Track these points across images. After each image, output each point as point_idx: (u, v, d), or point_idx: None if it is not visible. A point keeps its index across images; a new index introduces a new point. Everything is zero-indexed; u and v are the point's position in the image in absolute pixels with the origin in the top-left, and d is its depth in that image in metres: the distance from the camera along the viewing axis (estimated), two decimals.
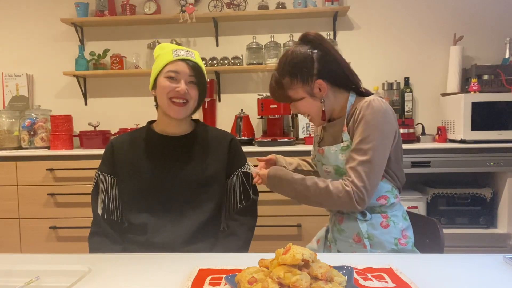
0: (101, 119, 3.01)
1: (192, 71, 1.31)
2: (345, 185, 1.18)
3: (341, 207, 1.25)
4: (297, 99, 1.28)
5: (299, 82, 1.25)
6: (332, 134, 1.33)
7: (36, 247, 2.55)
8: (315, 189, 1.21)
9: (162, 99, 1.31)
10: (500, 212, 2.49)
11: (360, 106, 1.21)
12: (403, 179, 1.31)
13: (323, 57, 1.25)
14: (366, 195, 1.16)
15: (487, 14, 2.87)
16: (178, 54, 1.31)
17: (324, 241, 1.41)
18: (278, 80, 1.28)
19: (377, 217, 1.26)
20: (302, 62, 1.24)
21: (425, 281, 0.84)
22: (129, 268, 0.97)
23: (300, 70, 1.24)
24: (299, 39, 1.30)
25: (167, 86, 1.29)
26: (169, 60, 1.30)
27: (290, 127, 2.94)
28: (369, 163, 1.16)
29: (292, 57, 1.26)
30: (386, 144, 1.20)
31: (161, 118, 1.38)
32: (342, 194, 1.17)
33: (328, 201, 1.21)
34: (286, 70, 1.26)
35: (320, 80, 1.25)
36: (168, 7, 3.03)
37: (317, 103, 1.28)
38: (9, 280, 0.94)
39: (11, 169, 2.56)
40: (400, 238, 1.25)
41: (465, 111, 2.42)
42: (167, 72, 1.30)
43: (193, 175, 1.34)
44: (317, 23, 2.97)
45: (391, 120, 1.21)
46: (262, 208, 1.40)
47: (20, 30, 3.13)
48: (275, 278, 0.75)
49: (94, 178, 1.39)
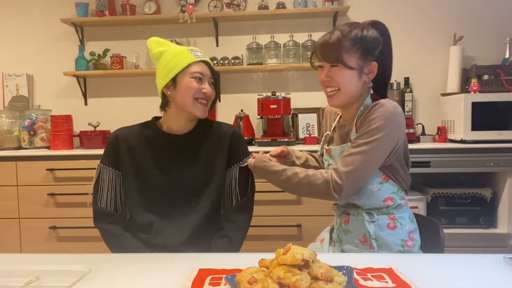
0: (101, 119, 3.00)
1: (211, 73, 1.35)
2: (324, 173, 1.18)
3: (319, 196, 1.21)
4: (347, 65, 1.22)
5: (359, 52, 1.22)
6: (341, 135, 1.33)
7: (36, 247, 2.55)
8: (294, 179, 1.21)
9: (187, 98, 1.31)
10: (500, 212, 2.49)
11: (372, 105, 1.21)
12: (409, 181, 1.30)
13: (386, 47, 1.27)
14: (345, 183, 1.14)
15: (487, 14, 2.87)
16: (197, 56, 1.33)
17: (328, 241, 1.40)
18: (340, 38, 1.22)
19: (384, 218, 1.25)
20: (371, 38, 1.24)
21: (425, 281, 0.84)
22: (129, 268, 0.97)
23: (366, 43, 1.23)
24: (369, 22, 1.28)
25: (195, 87, 1.30)
26: (191, 60, 1.31)
27: (290, 127, 2.94)
28: (360, 155, 1.15)
29: (362, 29, 1.24)
30: (385, 144, 1.17)
31: (172, 116, 1.38)
32: (320, 181, 1.17)
33: (308, 189, 1.21)
34: (354, 34, 1.23)
35: (376, 63, 1.25)
36: (168, 7, 3.03)
37: (358, 83, 1.24)
38: (9, 280, 0.94)
39: (11, 169, 2.56)
40: (407, 240, 1.24)
41: (465, 111, 2.42)
42: (193, 73, 1.31)
43: (196, 174, 1.34)
44: (317, 23, 2.97)
45: (397, 122, 1.19)
46: (262, 208, 1.40)
47: (20, 30, 3.13)
48: (275, 278, 0.75)
49: (96, 171, 1.36)
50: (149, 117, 1.51)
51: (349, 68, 1.22)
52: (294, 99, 2.85)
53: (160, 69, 1.35)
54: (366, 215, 1.25)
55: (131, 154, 1.35)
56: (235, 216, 1.36)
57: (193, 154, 1.36)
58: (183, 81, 1.31)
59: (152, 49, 1.38)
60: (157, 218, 1.31)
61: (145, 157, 1.35)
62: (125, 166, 1.35)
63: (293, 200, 2.39)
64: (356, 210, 1.28)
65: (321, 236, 1.45)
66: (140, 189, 1.34)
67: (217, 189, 1.36)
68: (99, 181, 1.35)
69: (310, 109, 2.93)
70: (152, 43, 1.39)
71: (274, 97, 2.68)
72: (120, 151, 1.36)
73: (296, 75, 3.01)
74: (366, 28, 1.25)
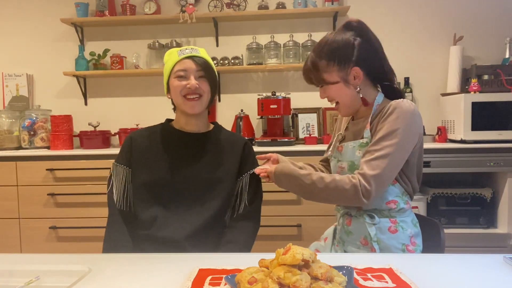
0: (101, 119, 3.01)
1: (199, 66, 1.35)
2: (352, 178, 1.16)
3: (347, 201, 1.20)
4: (330, 82, 1.25)
5: (335, 65, 1.23)
6: (354, 132, 1.33)
7: (36, 247, 2.55)
8: (320, 183, 1.18)
9: (177, 98, 1.36)
10: (500, 212, 2.49)
11: (389, 104, 1.20)
12: (417, 187, 1.29)
13: (364, 46, 1.24)
14: (374, 188, 1.13)
15: (487, 14, 2.87)
16: (183, 53, 1.36)
17: (331, 240, 1.40)
18: (315, 61, 1.26)
19: (385, 222, 1.24)
20: (342, 46, 1.23)
21: (425, 281, 0.84)
22: (129, 268, 0.97)
23: (338, 54, 1.22)
24: (342, 25, 1.28)
25: (178, 85, 1.34)
26: (175, 60, 1.35)
27: (290, 127, 2.93)
28: (385, 159, 1.14)
29: (333, 40, 1.24)
30: (407, 145, 1.18)
31: (179, 117, 1.43)
32: (348, 186, 1.14)
33: (334, 195, 1.18)
34: (324, 52, 1.24)
35: (357, 68, 1.23)
36: (168, 7, 3.03)
37: (350, 91, 1.26)
38: (9, 280, 0.94)
39: (11, 169, 2.56)
40: (408, 245, 1.23)
41: (465, 111, 2.42)
42: (176, 72, 1.35)
43: (204, 173, 1.36)
44: (317, 23, 2.97)
45: (417, 123, 1.20)
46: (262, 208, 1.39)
47: (20, 30, 3.13)
48: (275, 278, 0.75)
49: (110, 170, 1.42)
50: (149, 117, 1.53)
51: (333, 83, 1.25)
52: (294, 99, 2.85)
53: None
54: (368, 217, 1.24)
55: (142, 150, 1.39)
56: (241, 223, 1.37)
57: (204, 155, 1.38)
58: (171, 83, 1.36)
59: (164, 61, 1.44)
60: (162, 213, 1.32)
61: (155, 151, 1.39)
62: (135, 162, 1.39)
63: (293, 200, 2.39)
64: (358, 212, 1.27)
65: (325, 235, 1.45)
66: (146, 182, 1.35)
67: (226, 193, 1.37)
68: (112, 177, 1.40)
69: (310, 109, 2.93)
70: (165, 56, 1.43)
71: (274, 97, 2.68)
72: (133, 149, 1.40)
73: (296, 75, 3.01)
74: (338, 36, 1.24)
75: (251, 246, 1.37)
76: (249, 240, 1.36)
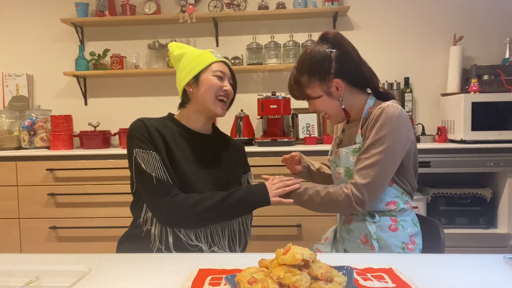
0: (101, 119, 3.01)
1: (231, 74, 1.38)
2: (345, 188, 1.19)
3: (344, 211, 1.26)
4: (314, 97, 1.29)
5: (316, 81, 1.26)
6: (349, 136, 1.34)
7: (36, 247, 2.55)
8: (317, 197, 1.24)
9: (208, 96, 1.32)
10: (500, 212, 2.49)
11: (375, 111, 1.21)
12: (415, 185, 1.30)
13: (342, 57, 1.25)
14: (366, 196, 1.16)
15: (487, 14, 2.87)
16: (218, 56, 1.37)
17: (332, 240, 1.42)
18: (297, 78, 1.30)
19: (385, 220, 1.25)
20: (320, 61, 1.25)
21: (425, 281, 0.84)
22: (129, 268, 0.97)
23: (318, 69, 1.25)
24: (319, 37, 1.30)
25: (217, 84, 1.33)
26: (213, 59, 1.35)
27: (290, 127, 2.93)
28: (375, 167, 1.16)
29: (311, 56, 1.26)
30: (397, 149, 1.19)
31: (192, 114, 1.36)
32: (341, 197, 1.19)
33: (331, 207, 1.24)
34: (304, 68, 1.27)
35: (338, 79, 1.25)
36: (168, 7, 3.03)
37: (334, 102, 1.29)
38: (9, 280, 0.94)
39: (11, 169, 2.56)
40: (408, 243, 1.24)
41: (465, 111, 2.42)
42: (215, 71, 1.34)
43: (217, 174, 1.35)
44: (317, 23, 2.97)
45: (404, 126, 1.20)
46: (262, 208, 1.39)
47: (20, 30, 3.13)
48: (275, 278, 0.75)
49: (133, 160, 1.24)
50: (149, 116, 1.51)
51: (317, 98, 1.29)
52: (294, 99, 2.84)
53: (182, 68, 1.36)
54: (369, 215, 1.26)
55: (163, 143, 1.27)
56: None
57: (215, 155, 1.39)
58: (205, 79, 1.33)
59: (173, 52, 1.40)
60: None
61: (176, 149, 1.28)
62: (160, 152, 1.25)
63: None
64: None
65: (326, 235, 1.46)
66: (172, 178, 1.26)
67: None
68: (144, 165, 1.22)
69: None
70: (173, 46, 1.41)
71: (274, 97, 2.68)
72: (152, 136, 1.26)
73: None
74: (316, 50, 1.26)
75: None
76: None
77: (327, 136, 2.79)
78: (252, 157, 2.37)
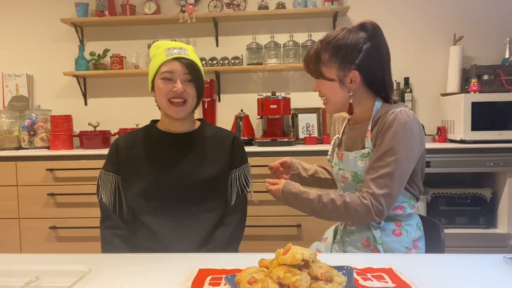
0: (101, 119, 3.00)
1: (186, 69, 1.30)
2: (363, 198, 1.15)
3: (360, 221, 1.22)
4: (327, 77, 1.23)
5: (337, 63, 1.21)
6: (352, 138, 1.31)
7: (36, 247, 2.55)
8: (332, 206, 1.18)
9: (161, 100, 1.32)
10: (500, 212, 2.49)
11: (387, 116, 1.18)
12: (422, 189, 1.29)
13: (372, 53, 1.21)
14: (385, 207, 1.13)
15: (487, 14, 2.87)
16: (171, 53, 1.30)
17: (332, 240, 1.40)
18: (318, 52, 1.23)
19: (390, 224, 1.23)
20: (349, 46, 1.20)
21: (425, 281, 0.84)
22: (129, 268, 0.97)
23: (344, 53, 1.20)
24: (358, 24, 1.25)
25: (164, 88, 1.30)
26: (162, 60, 1.30)
27: (290, 127, 2.94)
28: (392, 176, 1.13)
29: (343, 37, 1.21)
30: (411, 157, 1.17)
31: (164, 117, 1.40)
32: (360, 208, 1.14)
33: (347, 216, 1.19)
34: (330, 46, 1.21)
35: (356, 72, 1.21)
36: (168, 7, 3.03)
37: (342, 92, 1.24)
38: (9, 280, 0.94)
39: (11, 169, 2.56)
40: (411, 248, 1.23)
41: (465, 111, 2.42)
42: (162, 73, 1.30)
43: (196, 173, 1.33)
44: (317, 23, 2.97)
45: (417, 133, 1.18)
46: (262, 208, 1.40)
47: (20, 30, 3.13)
48: (275, 278, 0.75)
49: (98, 177, 1.39)
50: (149, 117, 1.52)
51: (329, 80, 1.23)
52: (294, 99, 2.85)
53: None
54: None
55: (129, 156, 1.37)
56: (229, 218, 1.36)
57: (193, 154, 1.36)
58: (156, 84, 1.32)
59: (150, 55, 1.39)
60: (159, 220, 1.30)
61: (142, 155, 1.36)
62: (123, 169, 1.36)
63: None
64: None
65: (325, 235, 1.45)
66: (139, 189, 1.33)
67: (220, 191, 1.37)
68: (99, 186, 1.37)
69: (310, 109, 2.93)
70: (151, 48, 1.39)
71: (274, 97, 2.68)
72: (119, 155, 1.37)
73: (296, 75, 3.01)
74: (350, 34, 1.21)
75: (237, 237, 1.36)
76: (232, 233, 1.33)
77: (327, 136, 2.78)
78: (252, 157, 2.37)
